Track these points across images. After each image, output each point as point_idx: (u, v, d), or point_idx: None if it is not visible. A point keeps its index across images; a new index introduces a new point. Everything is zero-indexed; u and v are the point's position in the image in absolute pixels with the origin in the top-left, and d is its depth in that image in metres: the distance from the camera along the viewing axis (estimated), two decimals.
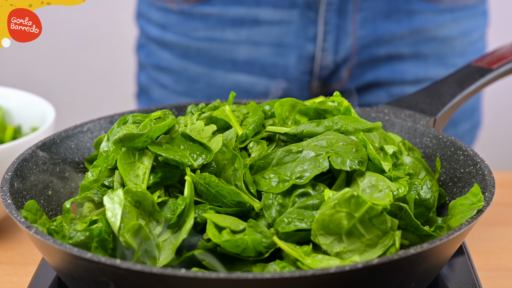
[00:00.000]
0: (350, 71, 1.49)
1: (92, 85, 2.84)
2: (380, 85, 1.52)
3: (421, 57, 1.51)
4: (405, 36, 1.48)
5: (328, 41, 1.45)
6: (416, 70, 1.51)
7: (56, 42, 2.77)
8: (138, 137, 0.84)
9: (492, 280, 1.05)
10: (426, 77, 1.52)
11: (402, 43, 1.49)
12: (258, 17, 1.46)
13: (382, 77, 1.51)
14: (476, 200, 0.84)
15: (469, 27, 1.53)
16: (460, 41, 1.53)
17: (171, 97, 1.58)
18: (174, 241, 0.80)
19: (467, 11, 1.52)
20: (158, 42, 1.56)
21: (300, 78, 1.50)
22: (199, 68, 1.53)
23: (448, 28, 1.50)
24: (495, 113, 2.67)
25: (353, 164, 0.83)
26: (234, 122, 0.94)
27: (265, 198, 0.82)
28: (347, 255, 0.78)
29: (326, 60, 1.47)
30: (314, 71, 1.49)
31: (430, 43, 1.50)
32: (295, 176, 0.82)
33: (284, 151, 0.86)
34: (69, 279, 0.81)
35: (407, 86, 1.52)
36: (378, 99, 1.53)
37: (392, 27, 1.47)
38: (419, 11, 1.47)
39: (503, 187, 1.28)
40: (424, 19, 1.48)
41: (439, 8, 1.48)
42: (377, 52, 1.49)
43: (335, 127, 0.89)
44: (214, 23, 1.49)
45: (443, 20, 1.49)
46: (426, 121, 1.07)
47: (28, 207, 0.86)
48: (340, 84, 1.51)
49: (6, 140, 1.24)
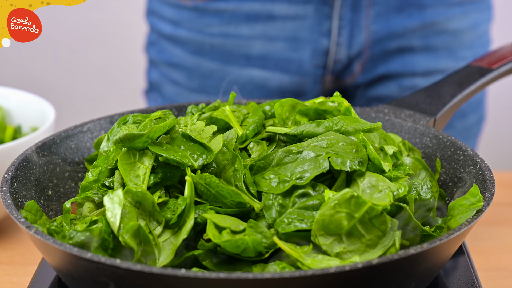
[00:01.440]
0: (362, 65, 1.51)
1: (92, 85, 2.84)
2: (391, 77, 1.54)
3: (432, 50, 1.53)
4: (417, 29, 1.50)
5: (343, 36, 1.47)
6: (427, 62, 1.53)
7: (56, 42, 2.77)
8: (138, 138, 0.84)
9: (492, 280, 1.05)
10: (437, 69, 1.54)
11: (413, 37, 1.51)
12: (273, 12, 1.48)
13: (393, 70, 1.53)
14: (475, 201, 0.84)
15: (477, 20, 1.55)
16: (469, 34, 1.55)
17: (184, 93, 1.59)
18: (174, 242, 0.80)
19: (476, 4, 1.54)
20: (171, 39, 1.57)
21: (313, 72, 1.51)
22: (212, 64, 1.54)
23: (457, 21, 1.52)
24: (495, 113, 2.67)
25: (353, 165, 0.83)
26: (234, 122, 0.94)
27: (265, 198, 0.82)
28: (347, 256, 0.78)
29: (340, 54, 1.49)
30: (327, 65, 1.50)
31: (440, 35, 1.52)
32: (295, 176, 0.82)
33: (284, 151, 0.86)
34: (69, 279, 0.81)
35: (418, 78, 1.54)
36: (389, 90, 1.55)
37: (404, 21, 1.49)
38: (430, 4, 1.49)
39: (503, 187, 1.28)
40: (435, 13, 1.50)
41: (449, 1, 1.50)
42: (389, 46, 1.51)
43: (335, 128, 0.89)
44: (228, 19, 1.50)
45: (453, 13, 1.51)
46: (426, 121, 1.07)
47: (28, 207, 0.86)
48: (353, 78, 1.53)
49: (6, 140, 1.24)
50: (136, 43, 1.71)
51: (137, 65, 1.97)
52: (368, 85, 1.54)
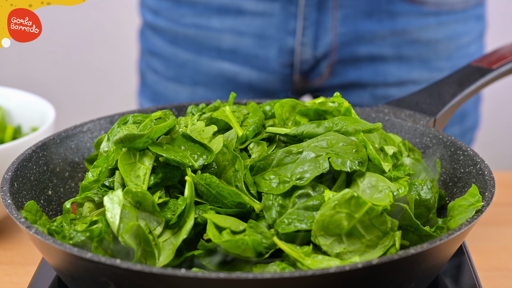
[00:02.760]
0: (331, 68, 1.50)
1: (92, 85, 2.85)
2: (363, 86, 1.53)
3: (404, 59, 1.51)
4: (387, 36, 1.49)
5: (307, 36, 1.47)
6: (399, 72, 1.52)
7: (56, 42, 2.77)
8: (139, 138, 0.84)
9: (492, 280, 1.05)
10: (409, 79, 1.52)
11: (384, 44, 1.49)
12: (242, 7, 1.49)
13: (365, 78, 1.52)
14: (474, 201, 0.84)
15: (456, 32, 1.52)
16: (446, 45, 1.52)
17: (161, 82, 1.61)
18: (174, 242, 0.80)
19: (454, 15, 1.51)
20: (152, 28, 1.60)
21: (281, 71, 1.52)
22: (186, 54, 1.56)
23: (432, 31, 1.50)
24: (495, 113, 2.67)
25: (353, 165, 0.83)
26: (235, 123, 0.94)
27: (265, 199, 0.82)
28: (347, 256, 0.78)
29: (305, 54, 1.49)
30: (294, 64, 1.51)
31: (413, 45, 1.50)
32: (295, 177, 0.83)
33: (284, 152, 0.86)
34: (69, 279, 0.81)
35: (390, 88, 1.52)
36: (362, 100, 1.54)
37: (373, 26, 1.48)
38: (402, 12, 1.48)
39: (503, 187, 1.28)
40: (406, 21, 1.48)
41: (423, 11, 1.48)
42: (358, 51, 1.50)
43: (335, 128, 0.89)
44: (201, 10, 1.51)
45: (427, 23, 1.49)
46: (426, 121, 1.07)
47: (28, 208, 0.86)
48: (322, 80, 1.53)
49: (6, 140, 1.24)
50: (136, 43, 1.71)
51: (137, 65, 1.97)
52: (340, 91, 1.54)
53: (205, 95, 1.56)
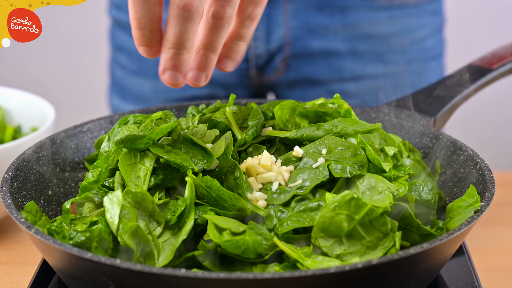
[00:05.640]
0: (286, 62, 1.51)
1: (92, 85, 2.84)
2: (320, 83, 1.54)
3: (358, 54, 1.51)
4: (339, 30, 1.49)
5: (259, 30, 1.48)
6: (354, 67, 1.52)
7: (56, 42, 2.77)
8: (140, 139, 0.84)
9: (492, 280, 1.05)
10: (364, 74, 1.52)
11: (336, 38, 1.50)
12: None
13: (320, 73, 1.52)
14: (473, 201, 0.84)
15: (410, 26, 1.52)
16: (399, 39, 1.52)
17: (126, 76, 1.61)
18: (174, 242, 0.80)
19: (407, 9, 1.51)
20: (118, 23, 1.61)
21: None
22: None
23: (384, 25, 1.50)
24: (495, 113, 2.67)
25: (353, 170, 0.83)
26: (234, 125, 0.94)
27: (267, 208, 0.83)
28: (348, 257, 0.78)
29: (259, 48, 1.50)
30: (250, 59, 1.51)
31: (366, 40, 1.51)
32: (296, 187, 0.83)
33: (283, 160, 0.86)
34: (69, 279, 0.81)
35: (346, 83, 1.53)
36: (319, 97, 1.54)
37: (324, 20, 1.48)
38: (353, 7, 1.48)
39: (503, 187, 1.28)
40: (357, 15, 1.49)
41: (374, 5, 1.49)
42: (311, 45, 1.50)
43: (335, 130, 0.89)
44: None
45: (379, 17, 1.50)
46: (426, 121, 1.07)
47: (27, 209, 0.86)
48: (277, 75, 1.53)
49: (6, 140, 1.24)
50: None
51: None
52: (297, 88, 1.54)
53: (167, 88, 1.56)
